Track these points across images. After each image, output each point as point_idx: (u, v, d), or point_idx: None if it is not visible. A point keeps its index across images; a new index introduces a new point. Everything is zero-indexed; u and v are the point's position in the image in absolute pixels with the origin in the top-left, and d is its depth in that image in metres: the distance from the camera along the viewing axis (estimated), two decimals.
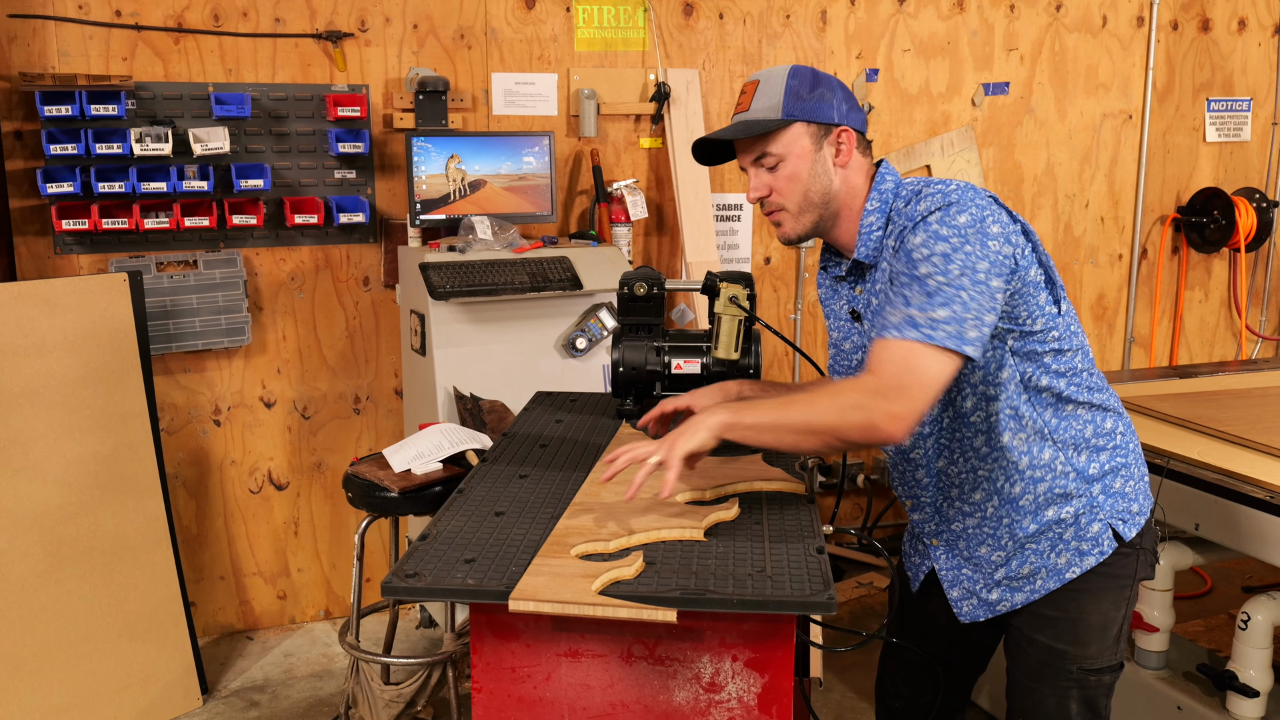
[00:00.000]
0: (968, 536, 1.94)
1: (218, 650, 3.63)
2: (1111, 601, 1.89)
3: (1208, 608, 3.77)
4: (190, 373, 3.56)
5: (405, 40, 3.61)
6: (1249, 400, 3.01)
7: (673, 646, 1.58)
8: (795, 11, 4.07)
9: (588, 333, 3.48)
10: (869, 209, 1.85)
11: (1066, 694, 1.91)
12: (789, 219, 1.88)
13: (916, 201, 1.78)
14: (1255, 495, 2.37)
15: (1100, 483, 1.86)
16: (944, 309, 1.65)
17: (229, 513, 3.69)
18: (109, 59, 3.31)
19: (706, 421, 1.70)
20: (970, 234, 1.69)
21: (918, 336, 1.64)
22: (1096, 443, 1.86)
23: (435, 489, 2.66)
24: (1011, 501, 1.86)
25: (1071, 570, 1.86)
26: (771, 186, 1.86)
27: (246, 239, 3.54)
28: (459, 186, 3.54)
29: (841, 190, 1.87)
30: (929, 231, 1.70)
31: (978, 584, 1.95)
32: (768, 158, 1.85)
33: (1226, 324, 5.07)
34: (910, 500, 2.02)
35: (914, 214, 1.76)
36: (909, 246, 1.72)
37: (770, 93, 1.84)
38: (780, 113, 1.82)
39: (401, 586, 1.52)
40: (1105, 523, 1.86)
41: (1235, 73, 4.80)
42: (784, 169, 1.84)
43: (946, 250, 1.68)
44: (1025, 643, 1.94)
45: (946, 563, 1.99)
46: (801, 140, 1.84)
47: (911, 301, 1.67)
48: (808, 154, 1.84)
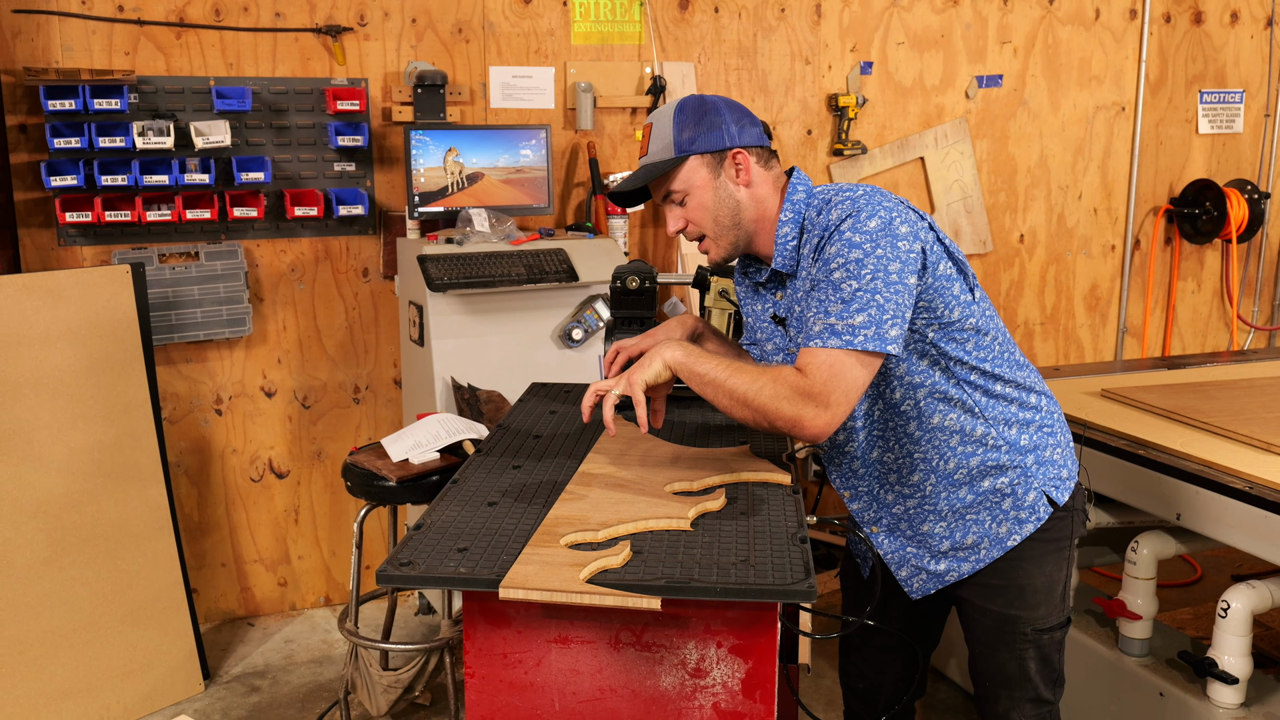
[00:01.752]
0: (909, 517, 2.02)
1: (219, 636, 3.69)
2: (1054, 564, 2.02)
3: (1198, 595, 3.82)
4: (192, 363, 3.61)
5: (404, 34, 3.65)
6: (1233, 391, 3.05)
7: (659, 633, 1.63)
8: (790, 5, 4.10)
9: (584, 324, 3.53)
10: (782, 219, 1.93)
11: (1024, 655, 2.03)
12: (711, 245, 1.98)
13: (828, 211, 1.85)
14: (1234, 486, 2.41)
15: (1033, 454, 1.97)
16: (861, 314, 1.73)
17: (230, 501, 3.75)
18: (112, 53, 3.35)
19: (662, 354, 1.82)
20: (880, 237, 1.77)
21: (839, 344, 1.73)
22: (1024, 416, 1.97)
23: (432, 478, 2.71)
24: (947, 476, 1.96)
25: (1013, 538, 1.97)
26: (686, 219, 1.96)
27: (247, 231, 3.59)
28: (457, 179, 3.59)
29: (751, 207, 1.95)
30: (842, 240, 1.78)
31: (924, 558, 2.04)
32: (674, 194, 1.94)
33: (1219, 314, 5.11)
34: (848, 491, 2.09)
35: (827, 223, 1.83)
36: (825, 256, 1.80)
37: (661, 134, 1.93)
38: (673, 151, 1.91)
39: (396, 575, 1.57)
40: (1040, 490, 1.97)
41: (1228, 65, 4.84)
42: (691, 201, 1.94)
43: (859, 256, 1.76)
44: (977, 613, 2.05)
45: (890, 545, 2.07)
46: (699, 172, 1.92)
47: (830, 311, 1.76)
48: (708, 183, 1.93)
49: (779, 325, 2.02)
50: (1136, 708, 2.70)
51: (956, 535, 1.99)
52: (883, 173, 4.33)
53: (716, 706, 1.63)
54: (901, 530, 2.05)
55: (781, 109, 4.15)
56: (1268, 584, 2.50)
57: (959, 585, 2.05)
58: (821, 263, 1.80)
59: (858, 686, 2.30)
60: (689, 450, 2.10)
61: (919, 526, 2.02)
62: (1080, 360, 4.90)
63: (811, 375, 1.74)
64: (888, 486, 2.02)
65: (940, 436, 1.94)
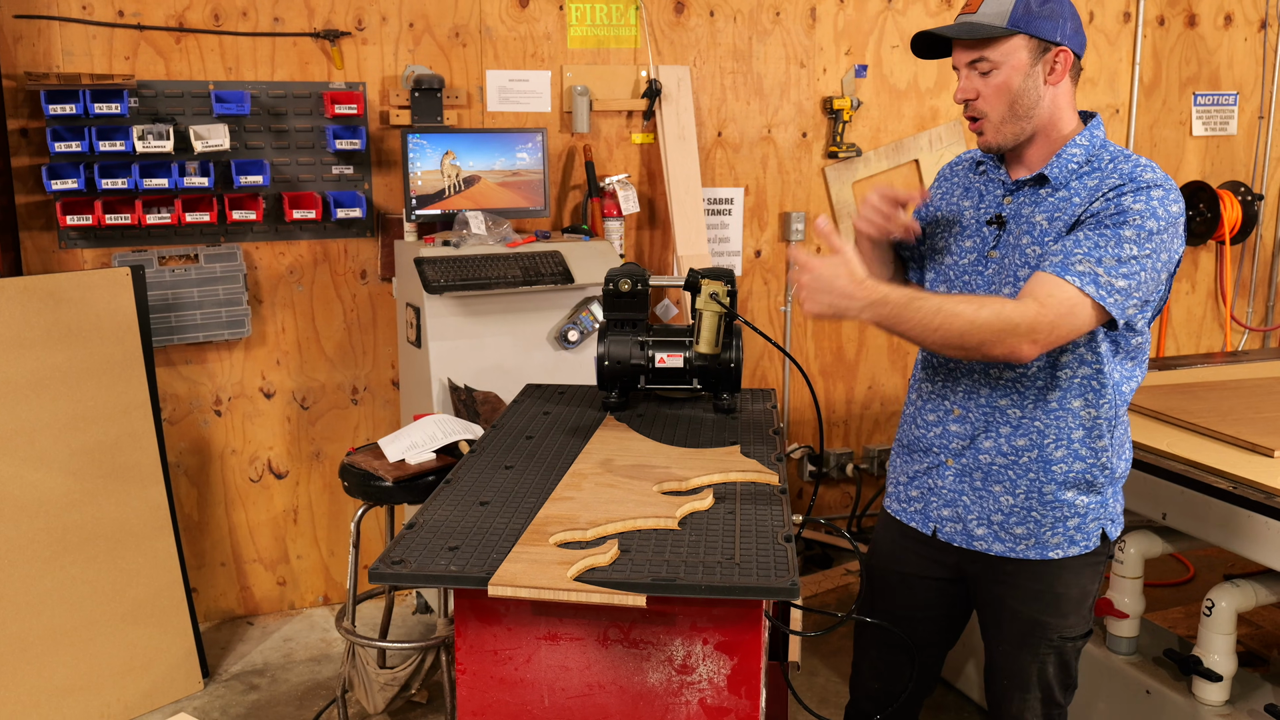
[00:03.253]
0: (988, 472, 2.01)
1: (218, 635, 3.72)
2: (1090, 577, 2.05)
3: (1190, 595, 3.85)
4: (191, 364, 3.64)
5: (401, 38, 3.68)
6: (1221, 392, 3.08)
7: (647, 630, 1.66)
8: (785, 8, 4.13)
9: (579, 325, 3.56)
10: (1078, 140, 1.91)
11: (1045, 659, 2.07)
12: (990, 128, 1.92)
13: (1134, 166, 1.86)
14: (1219, 486, 2.44)
15: (1114, 486, 2.01)
16: (1125, 280, 1.78)
17: (229, 501, 3.78)
18: (112, 58, 3.38)
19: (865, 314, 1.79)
20: (1174, 225, 1.82)
21: (1094, 293, 1.77)
22: (1124, 452, 2.02)
23: (428, 478, 2.75)
24: (1046, 462, 1.96)
25: (1055, 551, 2.00)
26: (980, 92, 1.90)
27: (246, 234, 3.62)
28: (454, 182, 3.62)
29: (1046, 110, 1.91)
30: (1149, 204, 1.80)
31: (970, 514, 2.04)
32: (983, 63, 1.88)
33: (1213, 315, 5.14)
34: (958, 409, 2.04)
35: (1137, 176, 1.83)
36: (1126, 206, 1.80)
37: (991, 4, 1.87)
38: (1006, 21, 1.86)
39: (388, 573, 1.60)
40: (1101, 523, 2.01)
41: (1221, 67, 4.86)
42: (996, 77, 1.88)
43: (1154, 228, 1.79)
44: (1009, 614, 2.07)
45: (951, 484, 2.06)
46: (1020, 53, 1.87)
47: (1103, 260, 1.78)
48: (1023, 67, 1.88)
49: (995, 226, 1.98)
50: (1123, 705, 2.73)
51: (1012, 518, 1.99)
52: (878, 175, 4.36)
53: (703, 702, 1.67)
54: (972, 479, 2.03)
55: (777, 112, 4.18)
56: (1252, 583, 2.53)
57: (992, 583, 2.06)
58: (1116, 208, 1.80)
59: (873, 688, 2.30)
60: (679, 450, 2.13)
61: (990, 485, 2.01)
62: None
63: (1048, 304, 1.76)
64: (993, 431, 2.00)
65: (1070, 421, 1.95)
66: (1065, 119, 1.93)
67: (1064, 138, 1.92)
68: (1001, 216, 1.97)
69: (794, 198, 4.24)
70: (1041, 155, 1.94)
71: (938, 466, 2.08)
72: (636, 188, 3.98)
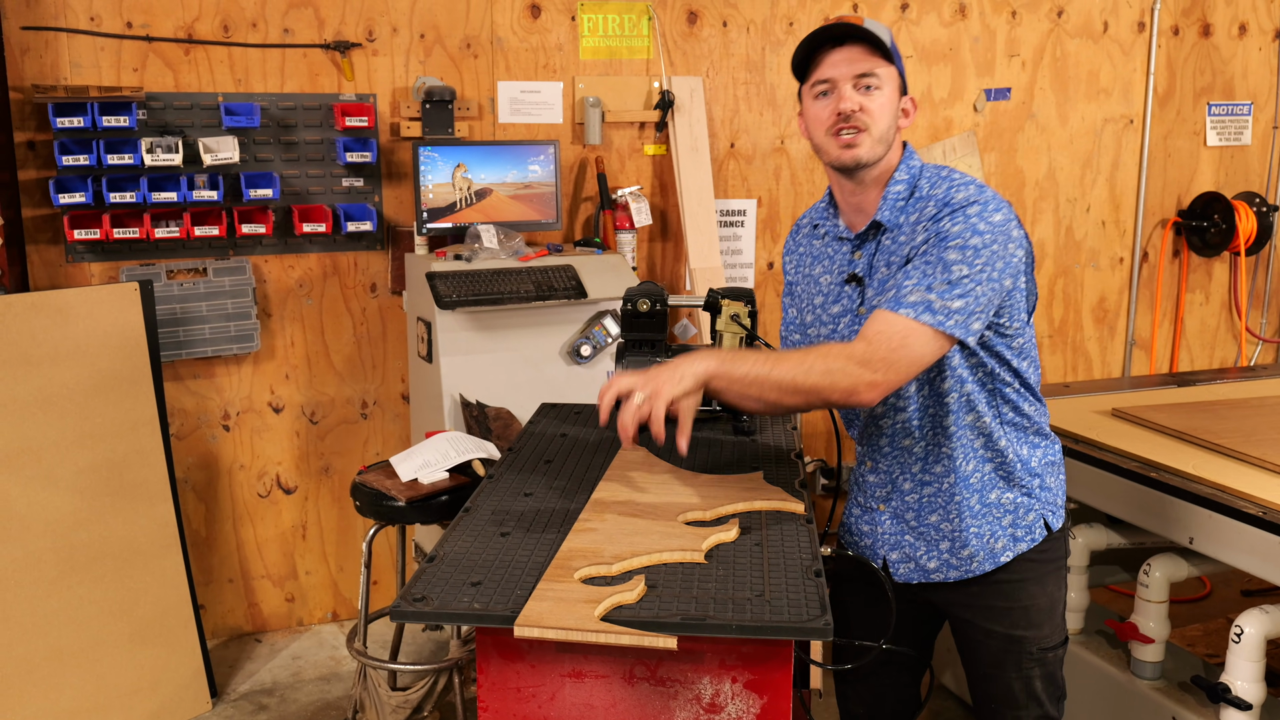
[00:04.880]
0: (918, 505, 2.03)
1: (226, 652, 3.68)
2: (1054, 583, 2.06)
3: (1207, 611, 3.80)
4: (200, 379, 3.61)
5: (412, 50, 3.65)
6: (1244, 411, 3.03)
7: (674, 668, 1.62)
8: (798, 19, 4.09)
9: (592, 340, 3.52)
10: (898, 178, 1.92)
11: (1030, 674, 2.05)
12: (869, 141, 1.88)
13: (949, 187, 1.86)
14: (1248, 511, 2.40)
15: (1040, 477, 2.02)
16: (960, 300, 1.76)
17: (238, 516, 3.75)
18: (120, 70, 3.35)
19: (693, 367, 1.74)
20: (1000, 233, 1.80)
21: (930, 321, 1.75)
22: (1035, 439, 2.02)
23: (441, 498, 2.71)
24: (965, 478, 1.98)
25: (1005, 554, 2.00)
26: (865, 106, 1.86)
27: (255, 247, 3.59)
28: (465, 195, 3.58)
29: (894, 149, 1.93)
30: (968, 223, 1.79)
31: (919, 551, 2.05)
32: (873, 78, 1.86)
33: (1227, 326, 5.10)
34: (870, 462, 2.09)
35: (949, 199, 1.84)
36: (944, 230, 1.80)
37: (881, 29, 1.87)
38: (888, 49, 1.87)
39: (410, 611, 1.56)
40: (1039, 513, 2.02)
41: (1236, 77, 4.82)
42: (879, 96, 1.86)
43: (978, 245, 1.78)
44: (982, 635, 2.06)
45: (891, 528, 2.07)
46: (894, 83, 1.89)
47: (933, 287, 1.76)
48: (895, 97, 1.90)
49: (854, 284, 1.98)
50: None
51: (957, 542, 2.01)
52: None
53: None
54: (906, 518, 2.05)
55: (790, 123, 4.14)
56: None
57: (960, 608, 2.06)
58: (935, 235, 1.81)
59: (858, 712, 2.29)
60: (701, 477, 2.09)
61: (925, 517, 2.03)
62: (1088, 373, 4.89)
63: (877, 341, 1.75)
64: (908, 471, 2.02)
65: (969, 437, 1.96)
66: (894, 163, 1.94)
67: (888, 172, 1.93)
68: (856, 274, 1.97)
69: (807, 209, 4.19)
70: (875, 189, 1.94)
71: (873, 512, 2.10)
72: (649, 200, 3.95)
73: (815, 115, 1.91)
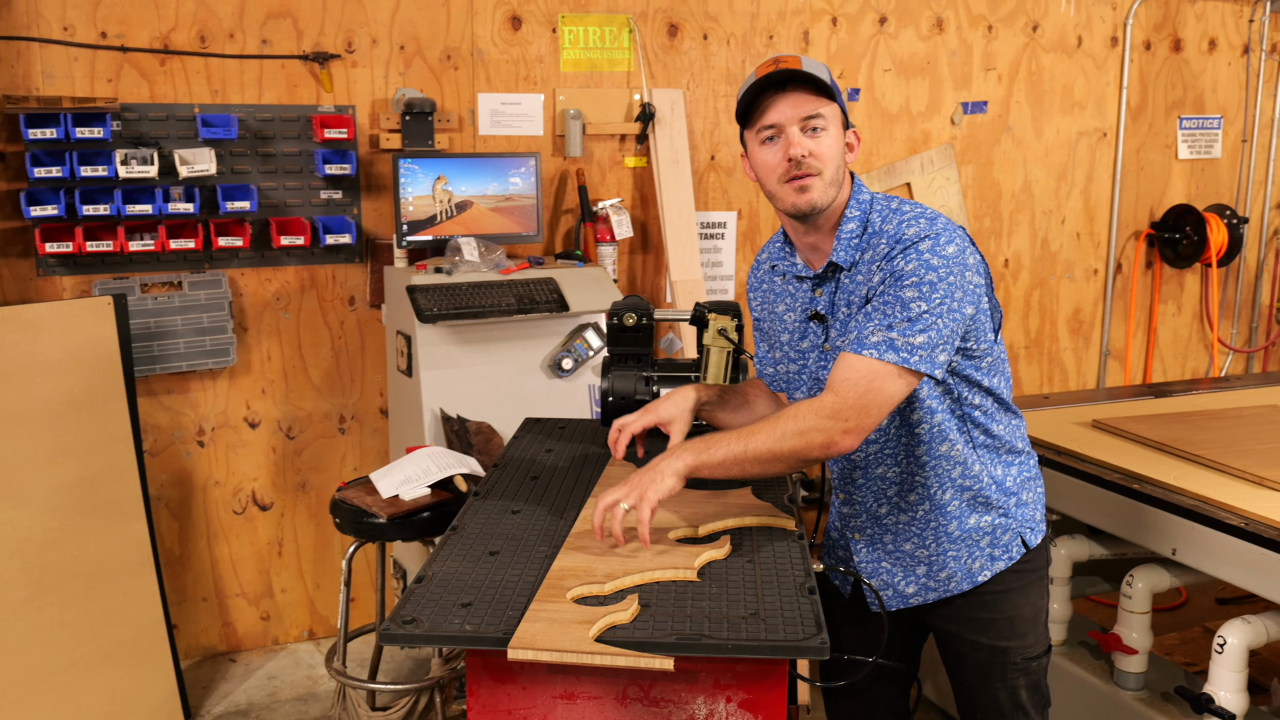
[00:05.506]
0: (895, 532, 2.03)
1: (200, 673, 3.62)
2: (1036, 592, 2.06)
3: (1184, 620, 3.83)
4: (174, 394, 3.55)
5: (392, 61, 3.62)
6: (1223, 422, 3.06)
7: (668, 688, 1.60)
8: (778, 32, 4.10)
9: (574, 353, 3.50)
10: (849, 215, 1.91)
11: (1016, 684, 2.05)
12: (821, 186, 1.86)
13: (900, 222, 1.85)
14: (1231, 522, 2.41)
15: (1015, 495, 2.02)
16: (922, 335, 1.76)
17: (212, 534, 3.69)
18: (94, 80, 3.29)
19: (673, 465, 1.78)
20: (955, 265, 1.80)
21: (895, 359, 1.75)
22: (1009, 458, 2.02)
23: (423, 515, 2.68)
24: (940, 505, 1.98)
25: (983, 574, 2.01)
26: (812, 150, 1.85)
27: (232, 260, 3.54)
28: (446, 207, 3.55)
29: (845, 184, 1.92)
30: (920, 259, 1.79)
31: (896, 577, 2.05)
32: (819, 119, 1.85)
33: (1199, 337, 5.15)
34: (843, 494, 2.09)
35: (900, 235, 1.83)
36: (898, 269, 1.80)
37: (818, 67, 1.85)
38: (829, 87, 1.85)
39: (400, 634, 1.53)
40: (1016, 532, 2.01)
41: (1206, 91, 4.88)
42: (826, 137, 1.85)
43: (934, 280, 1.77)
44: (967, 647, 2.06)
45: (867, 556, 2.07)
46: (838, 122, 1.88)
47: (894, 325, 1.76)
48: (840, 136, 1.89)
49: (817, 323, 1.97)
50: None
51: (934, 565, 2.01)
52: None
53: None
54: (883, 544, 2.05)
55: None
56: (1263, 619, 2.50)
57: (944, 620, 2.06)
58: (890, 274, 1.80)
59: None
60: (690, 494, 2.07)
61: (901, 544, 2.03)
62: (1064, 383, 4.92)
63: (844, 390, 1.75)
64: (884, 500, 2.02)
65: (944, 465, 1.96)
66: (844, 198, 1.93)
67: (840, 210, 1.91)
68: (819, 313, 1.97)
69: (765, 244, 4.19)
70: (829, 229, 1.93)
71: (850, 542, 2.10)
72: (630, 212, 3.93)
73: (765, 162, 1.89)
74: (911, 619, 2.12)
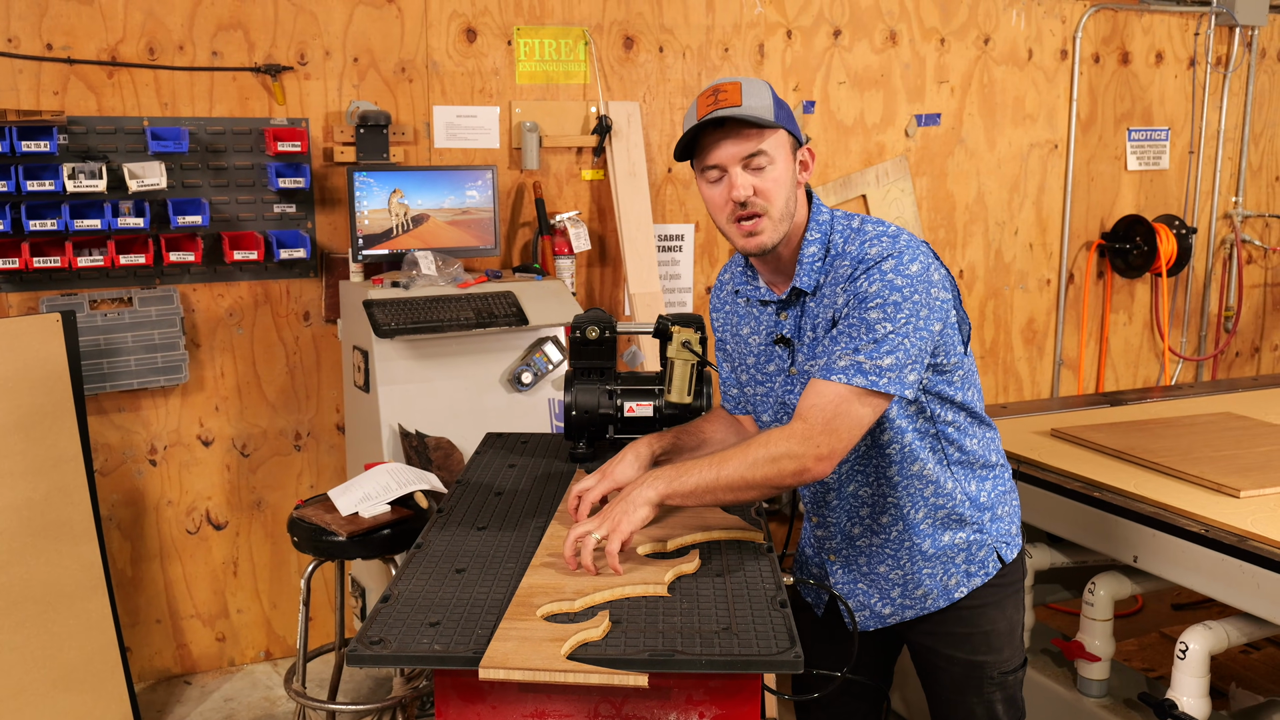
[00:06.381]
0: (869, 554, 2.02)
1: (154, 696, 3.53)
2: (1012, 606, 2.06)
3: (1141, 626, 3.87)
4: (125, 412, 3.47)
5: (345, 73, 3.58)
6: (1178, 430, 3.10)
7: (640, 705, 1.58)
8: (733, 45, 4.12)
9: (533, 367, 3.47)
10: (809, 238, 1.88)
11: (992, 698, 2.05)
12: (770, 225, 1.82)
13: (862, 242, 1.83)
14: (1191, 529, 2.44)
15: (990, 510, 2.01)
16: (890, 356, 1.74)
17: (165, 554, 3.60)
18: (40, 93, 3.22)
19: (644, 495, 1.76)
20: (919, 283, 1.78)
21: (863, 383, 1.74)
22: (983, 473, 2.01)
23: (384, 532, 2.63)
24: (914, 525, 1.97)
25: (960, 590, 2.00)
26: (757, 188, 1.80)
27: (183, 275, 3.47)
28: (402, 221, 3.52)
29: (796, 208, 1.87)
30: (884, 280, 1.77)
31: (872, 598, 2.05)
32: (761, 156, 1.79)
33: (1150, 345, 5.24)
34: (816, 517, 2.08)
35: (863, 255, 1.81)
36: (862, 291, 1.78)
37: (758, 95, 1.79)
38: (772, 115, 1.79)
39: (368, 655, 1.50)
40: (991, 547, 2.01)
41: (1154, 103, 4.98)
42: (771, 172, 1.80)
43: (898, 300, 1.76)
44: (944, 662, 2.06)
45: (843, 578, 2.07)
46: (785, 147, 1.83)
47: (860, 349, 1.75)
48: (789, 162, 1.83)
49: (783, 346, 1.95)
50: None
51: (909, 584, 2.01)
52: None
53: None
54: (858, 565, 2.04)
55: None
56: (1224, 624, 2.53)
57: (921, 635, 2.06)
58: (854, 296, 1.78)
59: None
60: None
61: (875, 566, 2.02)
62: (1019, 393, 4.97)
63: (812, 416, 1.73)
64: (857, 520, 2.01)
65: (916, 484, 1.95)
66: (803, 216, 1.90)
67: (799, 233, 1.88)
68: (784, 336, 1.94)
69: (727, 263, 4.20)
70: (790, 259, 1.90)
71: (825, 564, 2.09)
72: (587, 225, 3.92)
73: (712, 200, 1.85)
74: (887, 634, 2.11)
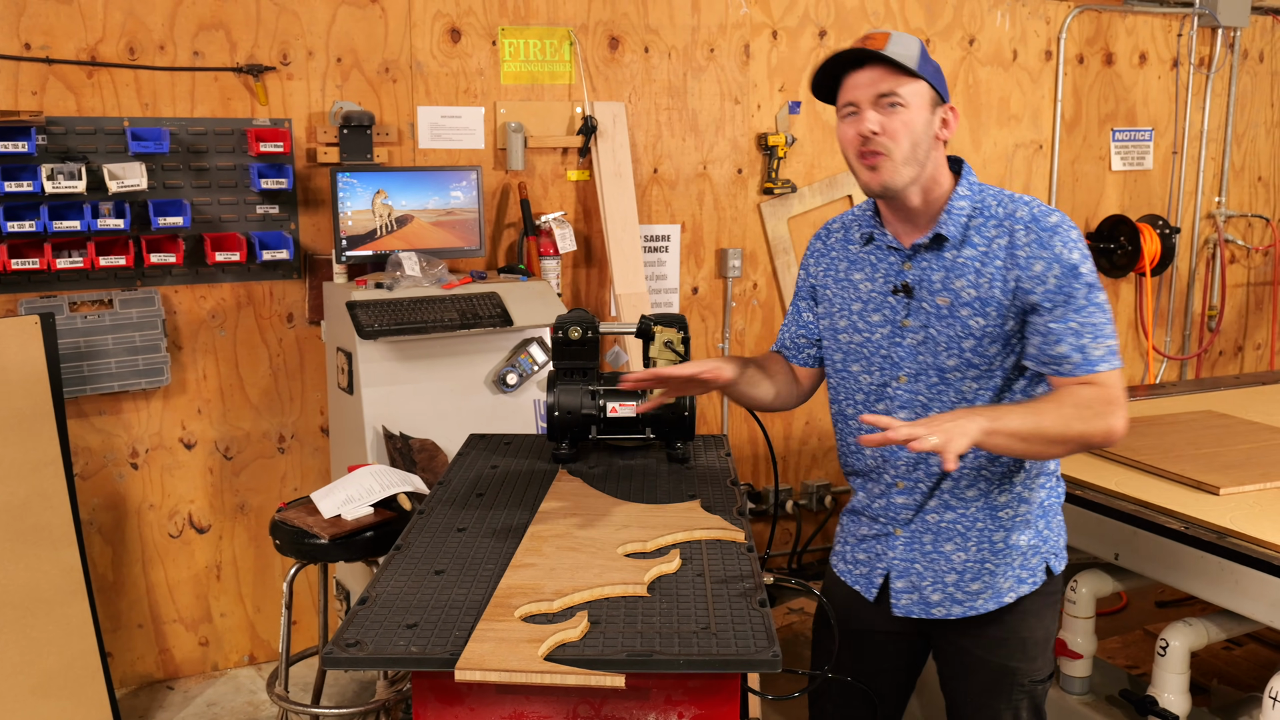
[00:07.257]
0: (939, 530, 1.98)
1: (136, 702, 3.51)
2: (1050, 616, 2.05)
3: (1125, 624, 3.88)
4: (106, 415, 3.45)
5: (329, 73, 3.56)
6: (1160, 428, 3.11)
7: (619, 706, 1.57)
8: (719, 45, 4.11)
9: (518, 368, 3.47)
10: (960, 193, 1.89)
11: (1019, 706, 2.04)
12: (891, 166, 1.84)
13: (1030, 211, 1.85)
14: (1171, 526, 2.45)
15: (1046, 518, 2.01)
16: (1112, 339, 1.83)
17: (147, 558, 3.58)
18: (18, 93, 3.20)
19: (974, 424, 1.70)
20: None
21: (1119, 364, 1.83)
22: (1045, 480, 2.01)
23: (367, 534, 2.62)
24: (993, 511, 1.96)
25: (1009, 595, 1.99)
26: (886, 127, 1.82)
27: (165, 277, 3.45)
28: (386, 222, 3.50)
29: (934, 161, 1.88)
30: (1083, 251, 1.83)
31: (925, 580, 2.00)
32: (895, 97, 1.81)
33: (1134, 345, 5.25)
34: (903, 482, 1.99)
35: (1040, 222, 1.83)
36: (1065, 260, 1.80)
37: (906, 44, 1.83)
38: (915, 65, 1.82)
39: (344, 658, 1.49)
40: (1044, 557, 2.01)
41: (1138, 104, 4.99)
42: (903, 115, 1.82)
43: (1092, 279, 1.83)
44: (977, 664, 2.04)
45: (903, 554, 2.01)
46: (924, 97, 1.84)
47: (1104, 332, 1.82)
48: (925, 112, 1.85)
49: (902, 295, 1.93)
50: None
51: (966, 575, 1.98)
52: (812, 210, 4.35)
53: None
54: (922, 543, 1.99)
55: (712, 148, 4.15)
56: (1204, 621, 2.54)
57: (956, 634, 2.04)
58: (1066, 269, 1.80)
59: None
60: (639, 507, 2.05)
61: (941, 545, 1.98)
62: None
63: (1112, 385, 1.80)
64: (939, 492, 1.97)
65: (1011, 466, 1.94)
66: (944, 175, 1.91)
67: (945, 193, 1.90)
68: (907, 284, 1.93)
69: (730, 234, 4.21)
70: (924, 212, 1.91)
71: (886, 535, 2.04)
72: (573, 225, 3.91)
73: (843, 136, 1.89)
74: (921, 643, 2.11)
